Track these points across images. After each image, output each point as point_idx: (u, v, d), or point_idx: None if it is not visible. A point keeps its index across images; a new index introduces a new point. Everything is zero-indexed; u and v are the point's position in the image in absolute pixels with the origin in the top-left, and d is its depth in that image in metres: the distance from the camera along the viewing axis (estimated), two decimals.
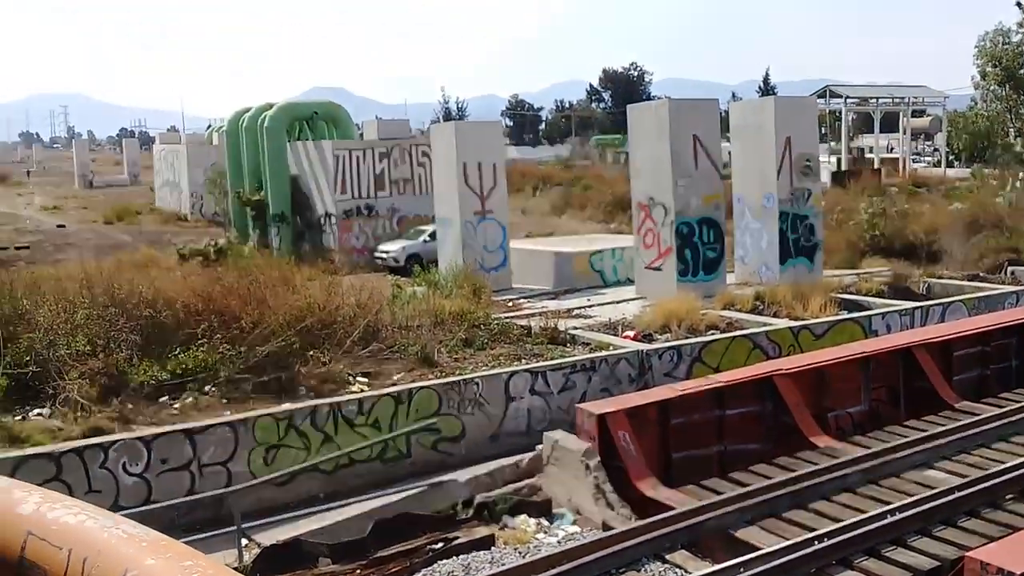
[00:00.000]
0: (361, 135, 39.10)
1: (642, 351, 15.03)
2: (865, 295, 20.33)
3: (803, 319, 17.45)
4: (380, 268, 29.01)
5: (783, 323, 17.21)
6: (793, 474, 10.45)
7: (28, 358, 12.85)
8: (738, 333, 16.30)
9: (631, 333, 16.82)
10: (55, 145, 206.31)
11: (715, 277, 21.29)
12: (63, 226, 43.52)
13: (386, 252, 30.22)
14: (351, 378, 14.05)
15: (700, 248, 21.19)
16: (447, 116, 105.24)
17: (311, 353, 14.21)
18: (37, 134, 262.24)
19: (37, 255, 31.77)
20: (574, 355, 15.08)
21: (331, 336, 14.84)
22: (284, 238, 33.73)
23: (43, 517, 0.76)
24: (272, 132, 34.50)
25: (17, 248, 33.62)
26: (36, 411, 12.44)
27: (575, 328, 17.33)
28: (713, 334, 16.41)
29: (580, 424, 11.63)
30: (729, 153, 24.01)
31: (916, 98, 67.57)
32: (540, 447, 12.03)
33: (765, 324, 17.14)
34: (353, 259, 30.89)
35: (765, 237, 22.12)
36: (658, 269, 21.28)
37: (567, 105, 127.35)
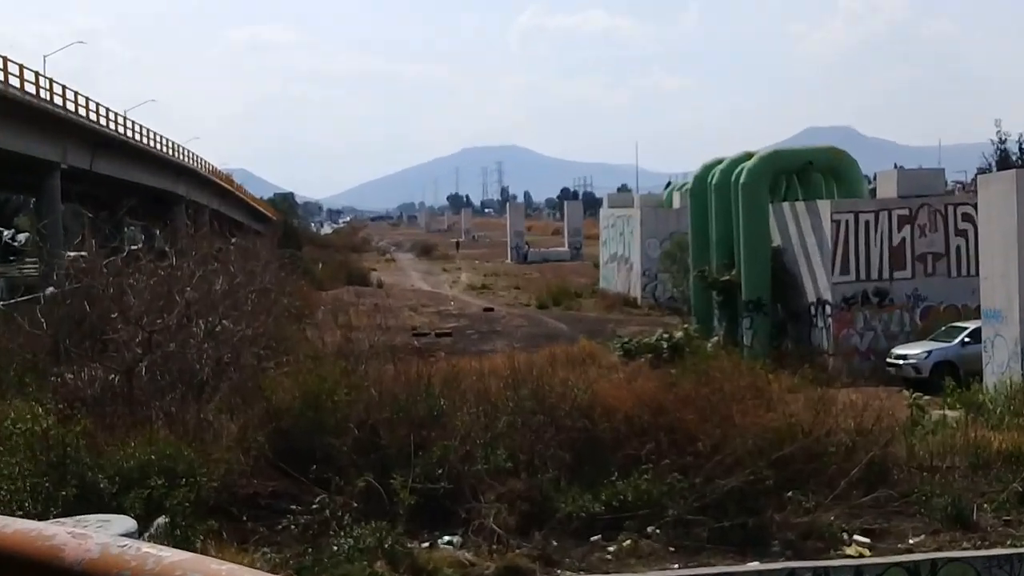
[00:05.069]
0: (873, 191, 38.60)
1: None
2: None
3: None
4: (893, 379, 28.28)
5: None
6: None
7: (440, 471, 14.45)
8: None
9: None
10: (486, 210, 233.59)
11: None
12: (491, 309, 48.80)
13: (903, 357, 29.30)
14: (845, 535, 13.81)
15: None
16: (1003, 162, 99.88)
17: (790, 494, 14.25)
18: (467, 197, 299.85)
19: (460, 343, 35.80)
20: None
21: (819, 473, 14.79)
22: (759, 332, 34.20)
23: None
24: (749, 190, 35.45)
25: (438, 335, 38.16)
26: (446, 538, 13.91)
27: None
28: None
29: None
30: None
31: None
32: None
33: None
34: (854, 365, 30.49)
35: None
36: None
37: None
